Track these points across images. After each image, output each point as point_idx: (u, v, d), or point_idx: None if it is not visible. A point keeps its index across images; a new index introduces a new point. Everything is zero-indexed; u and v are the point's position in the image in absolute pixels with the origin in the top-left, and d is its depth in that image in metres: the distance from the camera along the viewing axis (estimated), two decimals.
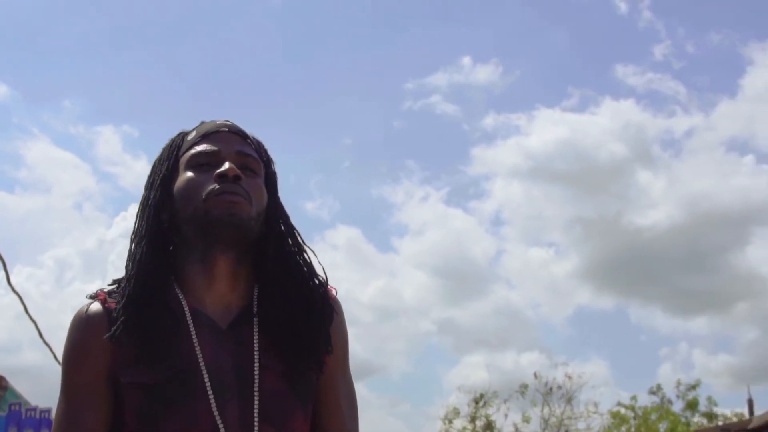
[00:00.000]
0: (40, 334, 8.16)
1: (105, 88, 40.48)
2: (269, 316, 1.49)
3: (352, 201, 37.81)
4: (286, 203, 1.62)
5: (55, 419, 1.47)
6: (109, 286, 1.54)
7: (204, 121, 1.61)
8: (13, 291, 7.84)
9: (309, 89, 40.60)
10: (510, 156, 35.43)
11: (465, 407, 21.88)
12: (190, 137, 1.58)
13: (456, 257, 34.24)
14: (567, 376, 21.96)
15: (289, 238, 1.58)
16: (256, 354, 1.45)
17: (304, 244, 1.59)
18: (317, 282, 1.56)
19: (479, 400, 21.85)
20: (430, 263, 35.61)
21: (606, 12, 36.48)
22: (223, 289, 1.49)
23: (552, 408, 21.92)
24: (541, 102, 43.39)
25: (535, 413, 21.95)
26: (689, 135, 37.34)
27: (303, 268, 1.56)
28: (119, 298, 1.48)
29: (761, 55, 37.59)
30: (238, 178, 1.47)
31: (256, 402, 1.42)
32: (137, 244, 1.53)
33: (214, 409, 1.39)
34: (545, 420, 21.89)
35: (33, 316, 8.09)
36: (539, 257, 33.77)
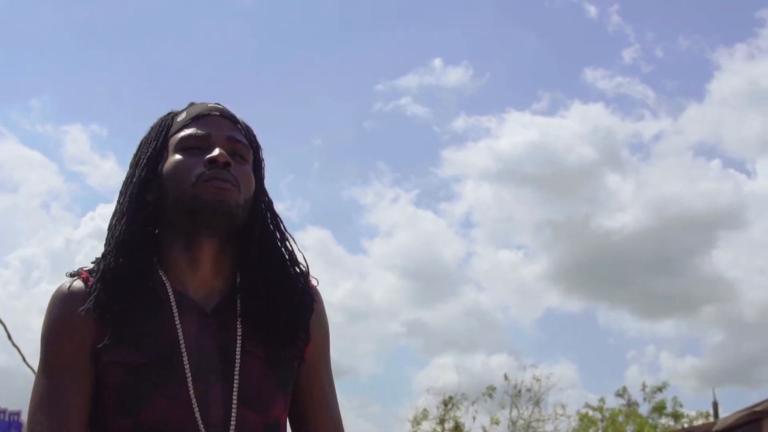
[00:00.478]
0: (8, 335, 8.05)
1: (73, 86, 40.15)
2: (251, 302, 1.49)
3: (322, 202, 37.71)
4: None
5: (33, 399, 1.42)
6: (91, 263, 1.52)
7: (194, 102, 1.59)
8: None
9: (279, 90, 40.49)
10: (480, 158, 35.47)
11: (434, 409, 21.95)
12: (180, 118, 1.56)
13: (426, 259, 34.26)
14: (535, 378, 22.11)
15: (273, 226, 1.58)
16: (238, 339, 1.45)
17: (286, 232, 1.59)
18: (299, 270, 1.57)
19: (448, 402, 21.91)
20: (399, 265, 35.59)
21: (576, 16, 36.62)
22: (207, 274, 1.49)
23: (520, 410, 22.08)
24: (512, 105, 43.75)
25: (504, 415, 22.09)
26: (657, 139, 37.69)
27: (285, 256, 1.57)
28: (95, 272, 1.46)
29: (728, 61, 37.90)
30: (227, 164, 1.47)
31: (235, 386, 1.42)
32: (118, 220, 1.50)
33: (191, 393, 1.39)
34: (513, 422, 22.04)
35: (1, 317, 7.99)
36: (509, 260, 33.88)
